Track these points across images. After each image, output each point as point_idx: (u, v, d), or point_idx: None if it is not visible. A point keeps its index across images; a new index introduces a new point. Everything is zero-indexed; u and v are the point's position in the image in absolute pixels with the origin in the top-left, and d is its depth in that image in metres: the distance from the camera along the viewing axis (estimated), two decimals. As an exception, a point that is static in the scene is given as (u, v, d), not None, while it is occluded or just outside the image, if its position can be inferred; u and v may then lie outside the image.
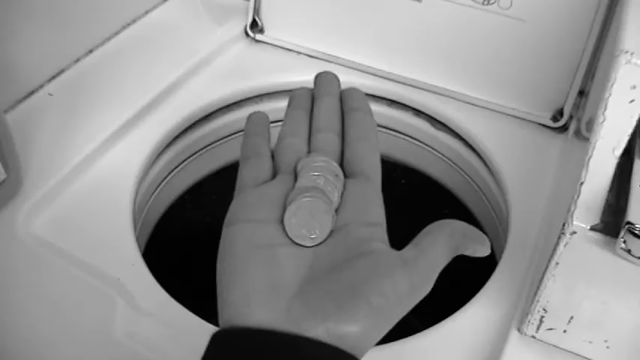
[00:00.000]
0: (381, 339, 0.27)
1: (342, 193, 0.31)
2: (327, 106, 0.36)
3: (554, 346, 0.40)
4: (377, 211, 0.31)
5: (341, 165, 0.33)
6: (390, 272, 0.26)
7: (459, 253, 0.29)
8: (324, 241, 0.29)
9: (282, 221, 0.29)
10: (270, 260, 0.27)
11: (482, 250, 0.30)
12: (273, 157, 0.34)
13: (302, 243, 0.29)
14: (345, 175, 0.33)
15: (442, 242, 0.28)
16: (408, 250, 0.28)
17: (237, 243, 0.28)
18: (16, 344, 0.40)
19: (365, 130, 0.34)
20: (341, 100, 0.37)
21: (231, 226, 0.29)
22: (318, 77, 0.38)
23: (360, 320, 0.25)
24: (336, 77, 0.38)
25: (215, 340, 0.26)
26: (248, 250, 0.27)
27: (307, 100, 0.37)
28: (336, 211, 0.30)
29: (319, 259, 0.28)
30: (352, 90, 0.37)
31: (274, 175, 0.33)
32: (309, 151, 0.34)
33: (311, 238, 0.29)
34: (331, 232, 0.29)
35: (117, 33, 0.65)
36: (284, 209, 0.30)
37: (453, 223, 0.30)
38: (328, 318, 0.25)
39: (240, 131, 0.63)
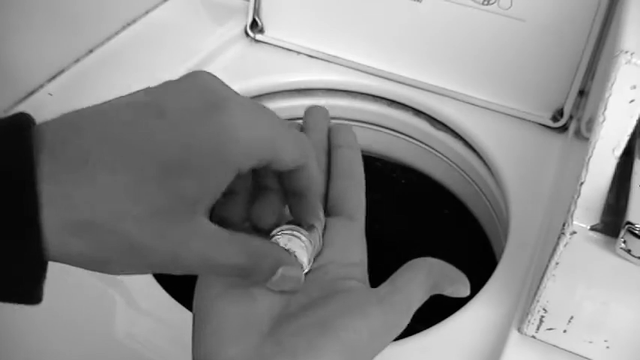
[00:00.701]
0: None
1: (324, 233, 0.31)
2: (314, 141, 0.35)
3: (554, 346, 0.40)
4: (358, 252, 0.31)
5: (325, 201, 0.33)
6: (363, 309, 0.26)
7: (436, 293, 0.29)
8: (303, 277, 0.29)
9: None
10: (245, 298, 0.27)
11: (461, 291, 0.29)
12: None
13: None
14: (328, 213, 0.32)
15: (419, 281, 0.28)
16: (384, 287, 0.28)
17: (214, 283, 0.28)
18: (16, 344, 0.40)
19: (350, 168, 0.34)
20: (329, 136, 0.36)
21: None
22: (308, 111, 0.37)
23: (330, 357, 0.25)
24: (325, 112, 0.37)
25: None
26: (224, 286, 0.27)
27: None
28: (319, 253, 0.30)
29: (295, 296, 0.28)
30: (341, 126, 0.36)
31: None
32: None
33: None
34: (310, 270, 0.29)
35: (117, 33, 0.65)
36: None
37: (432, 262, 0.29)
38: (298, 355, 0.24)
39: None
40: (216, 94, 0.24)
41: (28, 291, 0.23)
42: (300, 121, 0.37)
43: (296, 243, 0.28)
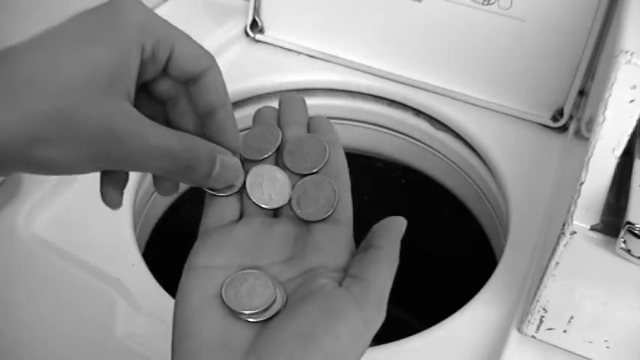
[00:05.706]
0: (382, 339, 0.27)
1: (309, 240, 0.29)
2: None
3: (554, 346, 0.40)
4: (345, 256, 0.29)
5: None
6: (342, 312, 0.25)
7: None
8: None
9: (247, 195, 0.30)
10: (223, 314, 0.26)
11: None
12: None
13: (264, 205, 0.30)
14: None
15: (386, 269, 0.27)
16: (355, 285, 0.26)
17: (193, 292, 0.27)
18: (16, 344, 0.40)
19: (336, 169, 0.32)
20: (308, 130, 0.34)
21: (190, 272, 0.28)
22: (283, 100, 0.35)
23: None
24: (302, 101, 0.35)
25: None
26: (202, 301, 0.26)
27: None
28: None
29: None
30: (321, 122, 0.34)
31: (242, 214, 0.31)
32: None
33: (271, 200, 0.30)
34: (295, 280, 0.28)
35: (117, 33, 0.65)
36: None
37: (387, 236, 0.29)
38: None
39: (241, 130, 0.63)
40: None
41: None
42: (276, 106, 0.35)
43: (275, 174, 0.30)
